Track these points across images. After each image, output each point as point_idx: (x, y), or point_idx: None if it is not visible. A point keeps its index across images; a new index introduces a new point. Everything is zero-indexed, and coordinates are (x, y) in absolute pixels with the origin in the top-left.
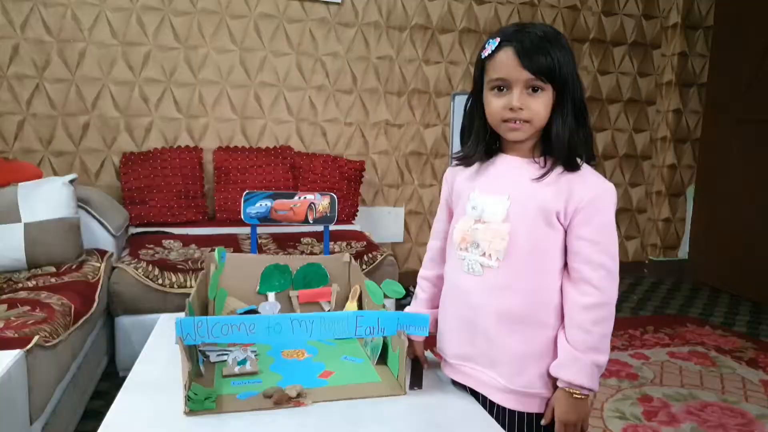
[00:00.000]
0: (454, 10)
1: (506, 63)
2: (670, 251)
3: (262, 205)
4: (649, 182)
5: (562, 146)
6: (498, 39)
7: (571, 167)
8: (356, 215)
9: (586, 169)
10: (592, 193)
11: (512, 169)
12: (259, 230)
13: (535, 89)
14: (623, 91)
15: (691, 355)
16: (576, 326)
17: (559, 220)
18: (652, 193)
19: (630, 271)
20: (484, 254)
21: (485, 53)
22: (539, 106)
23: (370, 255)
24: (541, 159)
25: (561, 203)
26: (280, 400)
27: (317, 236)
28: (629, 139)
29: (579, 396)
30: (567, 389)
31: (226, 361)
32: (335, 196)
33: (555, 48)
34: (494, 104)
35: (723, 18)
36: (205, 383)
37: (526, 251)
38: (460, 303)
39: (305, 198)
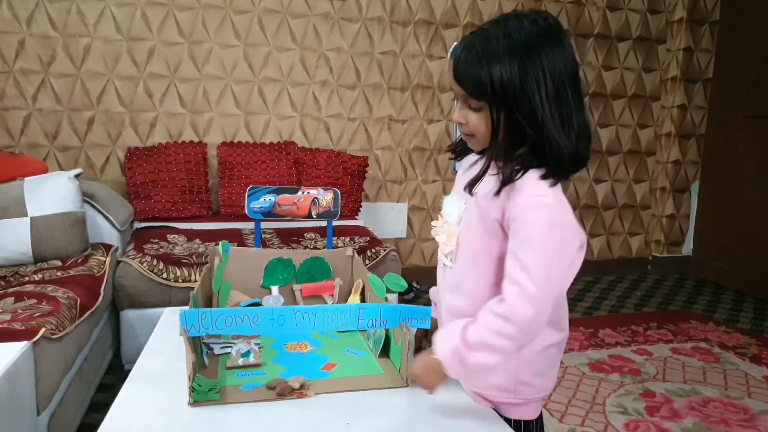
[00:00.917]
0: (458, 4)
1: (450, 74)
2: (674, 247)
3: (265, 200)
4: (654, 178)
5: (499, 169)
6: (455, 44)
7: (505, 181)
8: (359, 211)
9: (529, 178)
10: (521, 204)
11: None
12: (263, 225)
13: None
14: (628, 87)
15: (694, 351)
16: (477, 320)
17: (503, 229)
18: (657, 189)
19: (634, 267)
20: (443, 253)
21: (451, 50)
22: (476, 122)
23: (373, 250)
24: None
25: (499, 211)
26: (283, 391)
27: (321, 231)
28: (633, 135)
29: (436, 361)
30: (432, 348)
31: (229, 353)
32: (338, 192)
33: (498, 59)
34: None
35: (729, 13)
36: (209, 375)
37: (469, 255)
38: (438, 293)
39: (309, 193)
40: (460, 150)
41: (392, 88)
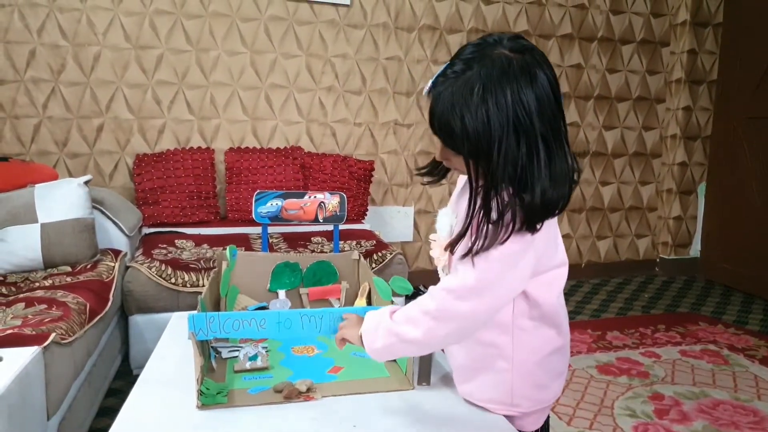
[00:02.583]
0: (462, 10)
1: (427, 118)
2: (682, 249)
3: (273, 205)
4: (660, 180)
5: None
6: (430, 82)
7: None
8: (366, 215)
9: None
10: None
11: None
12: (270, 230)
13: None
14: (632, 89)
15: (703, 353)
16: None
17: None
18: (663, 191)
19: (641, 269)
20: (438, 267)
21: (425, 89)
22: (458, 164)
23: (379, 254)
24: None
25: None
26: (290, 394)
27: (327, 235)
28: (639, 137)
29: (359, 325)
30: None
31: (237, 356)
32: (345, 196)
33: (474, 106)
34: None
35: (732, 15)
36: (216, 378)
37: None
38: None
39: (315, 197)
40: (440, 169)
41: (397, 93)
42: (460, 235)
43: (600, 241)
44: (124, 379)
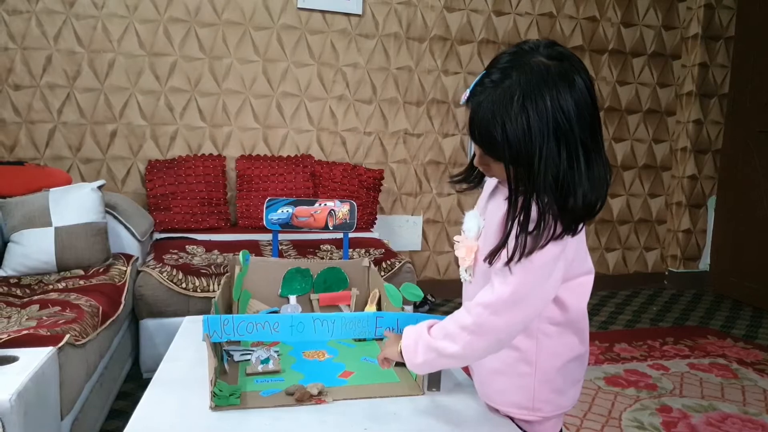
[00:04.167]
0: (473, 21)
1: (467, 122)
2: (691, 263)
3: (283, 212)
4: (669, 193)
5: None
6: (468, 92)
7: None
8: (375, 223)
9: None
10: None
11: (502, 186)
12: (280, 237)
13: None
14: (643, 102)
15: (712, 366)
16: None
17: None
18: (672, 204)
19: (650, 282)
20: (462, 268)
21: (463, 99)
22: (498, 171)
23: (388, 262)
24: None
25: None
26: (301, 397)
27: (336, 243)
28: (649, 150)
29: (399, 342)
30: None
31: (249, 360)
32: (355, 204)
33: (514, 114)
34: None
35: (744, 29)
36: (229, 381)
37: (486, 271)
38: None
39: (325, 205)
40: (476, 175)
41: (408, 103)
42: (500, 246)
43: (609, 253)
44: (134, 383)
